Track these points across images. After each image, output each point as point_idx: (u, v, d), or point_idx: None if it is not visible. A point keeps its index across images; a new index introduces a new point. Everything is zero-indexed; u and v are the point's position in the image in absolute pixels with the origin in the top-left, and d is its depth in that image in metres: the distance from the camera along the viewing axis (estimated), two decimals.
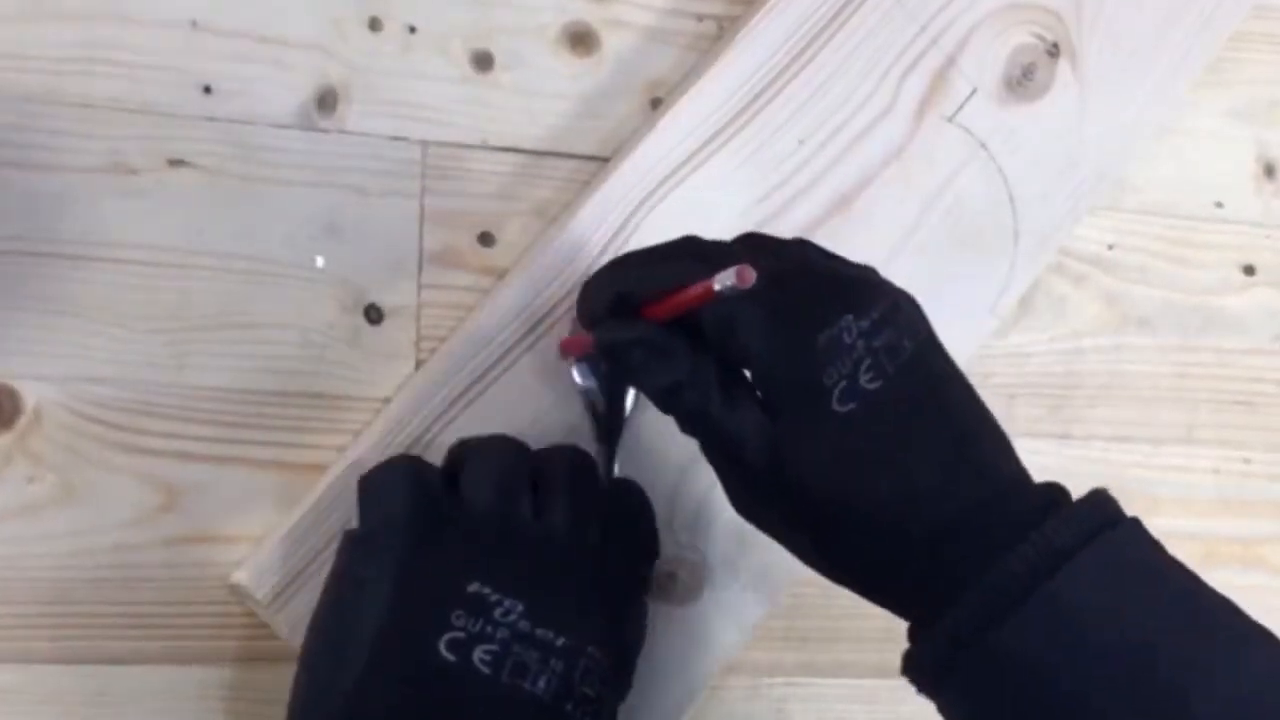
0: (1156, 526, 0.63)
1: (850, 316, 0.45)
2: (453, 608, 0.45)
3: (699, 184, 0.57)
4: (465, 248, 0.56)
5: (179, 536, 0.52)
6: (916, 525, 0.44)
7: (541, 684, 0.45)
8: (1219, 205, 0.66)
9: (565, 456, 0.50)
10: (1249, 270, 0.66)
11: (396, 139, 0.56)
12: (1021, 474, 0.46)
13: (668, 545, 0.55)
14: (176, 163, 0.53)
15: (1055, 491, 0.45)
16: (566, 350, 0.54)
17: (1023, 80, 0.61)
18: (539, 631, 0.45)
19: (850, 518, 0.45)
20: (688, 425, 0.48)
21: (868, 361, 0.45)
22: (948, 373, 0.47)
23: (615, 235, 0.55)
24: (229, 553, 0.52)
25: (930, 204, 0.60)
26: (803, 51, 0.58)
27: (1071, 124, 0.62)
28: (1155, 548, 0.44)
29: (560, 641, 0.45)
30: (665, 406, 0.48)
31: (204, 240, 0.53)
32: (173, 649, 0.52)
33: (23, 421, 0.51)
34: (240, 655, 0.53)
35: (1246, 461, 0.64)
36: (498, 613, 0.45)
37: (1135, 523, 0.44)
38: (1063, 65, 0.62)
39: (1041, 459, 0.62)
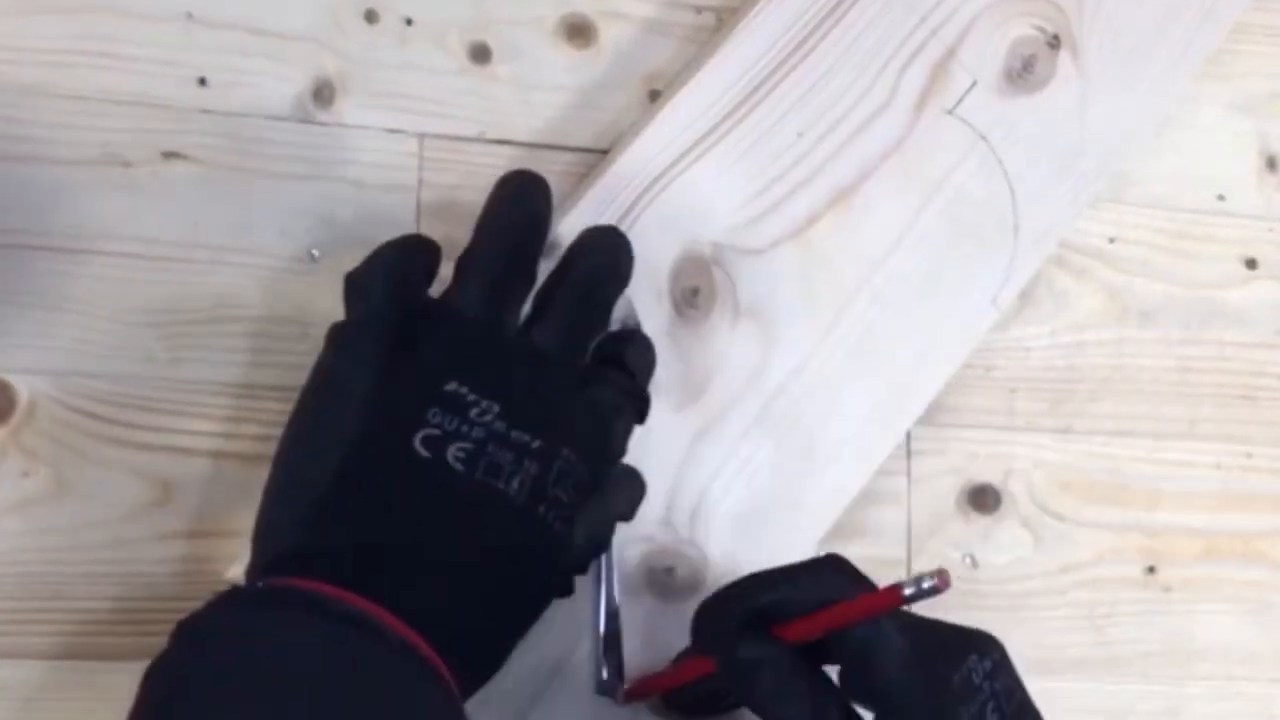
0: (1158, 522, 0.63)
1: (975, 657, 0.46)
2: (429, 405, 0.45)
3: (697, 177, 0.56)
4: (462, 240, 0.55)
5: (174, 532, 0.52)
6: None
7: (515, 484, 0.45)
8: (1221, 198, 0.65)
9: (584, 282, 0.50)
10: (1251, 264, 0.65)
11: (393, 131, 0.56)
12: None
13: (666, 539, 0.55)
14: (171, 155, 0.53)
15: None
16: (637, 694, 0.52)
17: (1023, 72, 0.61)
18: (514, 434, 0.45)
19: None
20: None
21: (991, 705, 0.46)
22: None
23: None
24: (225, 548, 0.52)
25: (930, 197, 0.59)
26: (802, 43, 0.58)
27: (1072, 116, 0.61)
28: None
29: (535, 444, 0.45)
30: None
31: (199, 233, 0.53)
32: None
33: (17, 416, 0.51)
34: None
35: (1249, 456, 0.64)
36: (474, 413, 0.45)
37: None
38: (1063, 57, 0.61)
39: (1043, 454, 0.62)
